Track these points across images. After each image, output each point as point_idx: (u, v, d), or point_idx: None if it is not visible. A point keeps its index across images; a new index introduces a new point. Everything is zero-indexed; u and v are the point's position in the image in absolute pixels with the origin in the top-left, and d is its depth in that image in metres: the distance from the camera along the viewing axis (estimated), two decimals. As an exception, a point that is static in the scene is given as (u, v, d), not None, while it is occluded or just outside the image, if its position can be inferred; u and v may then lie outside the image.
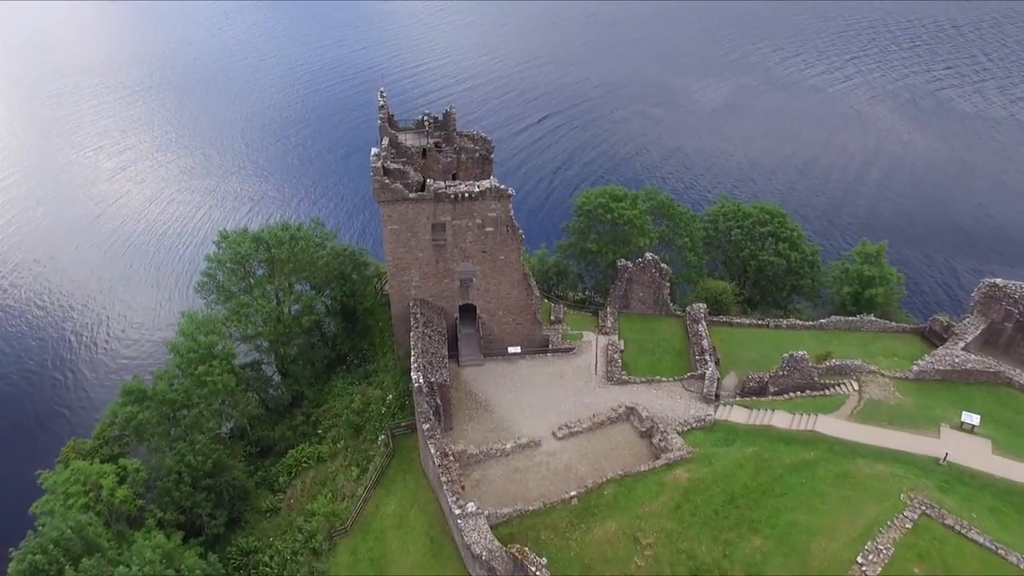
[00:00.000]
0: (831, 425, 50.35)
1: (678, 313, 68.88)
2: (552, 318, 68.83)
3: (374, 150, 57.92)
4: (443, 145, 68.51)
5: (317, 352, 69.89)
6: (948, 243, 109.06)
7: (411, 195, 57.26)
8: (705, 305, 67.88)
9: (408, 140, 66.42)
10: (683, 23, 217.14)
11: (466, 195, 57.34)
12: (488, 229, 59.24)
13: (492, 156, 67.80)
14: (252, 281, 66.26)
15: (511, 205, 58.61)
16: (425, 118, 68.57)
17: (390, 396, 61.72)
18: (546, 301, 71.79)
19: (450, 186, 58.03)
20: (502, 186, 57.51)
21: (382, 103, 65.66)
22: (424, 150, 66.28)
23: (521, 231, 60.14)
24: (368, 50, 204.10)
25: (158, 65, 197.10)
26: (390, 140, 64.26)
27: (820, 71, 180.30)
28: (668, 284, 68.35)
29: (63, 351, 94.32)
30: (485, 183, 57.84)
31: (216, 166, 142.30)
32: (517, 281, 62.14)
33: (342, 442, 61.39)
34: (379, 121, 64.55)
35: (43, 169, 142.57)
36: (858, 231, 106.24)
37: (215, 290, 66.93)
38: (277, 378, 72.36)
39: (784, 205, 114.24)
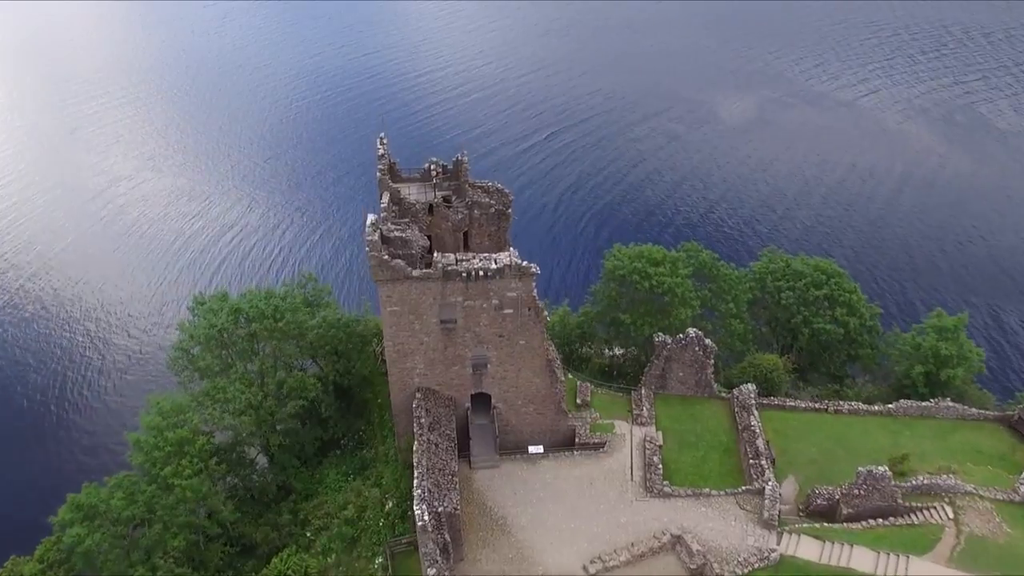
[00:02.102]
0: (928, 572, 41.16)
1: (723, 395, 59.65)
2: (578, 401, 59.57)
3: (370, 218, 48.59)
4: (453, 199, 59.33)
5: (308, 434, 60.74)
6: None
7: (415, 273, 48.03)
8: (755, 387, 58.66)
9: (412, 193, 57.24)
10: (701, 29, 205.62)
11: (481, 273, 48.10)
12: (506, 311, 50.01)
13: (510, 211, 58.78)
14: (231, 358, 57.12)
15: (534, 284, 49.34)
16: (432, 166, 59.32)
17: (390, 503, 52.70)
18: (570, 376, 62.49)
19: (462, 260, 48.79)
20: (524, 263, 48.20)
21: (382, 151, 56.35)
22: (431, 206, 57.24)
23: (546, 313, 50.94)
24: (368, 56, 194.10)
25: (154, 70, 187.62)
26: (391, 196, 55.12)
27: (848, 82, 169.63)
28: (712, 363, 59.07)
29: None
30: (504, 257, 48.56)
31: (216, 176, 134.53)
32: (539, 368, 52.90)
33: (334, 555, 52.35)
34: (378, 174, 55.20)
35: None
36: (912, 284, 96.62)
37: (188, 364, 57.89)
38: (262, 461, 63.31)
39: (830, 247, 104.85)
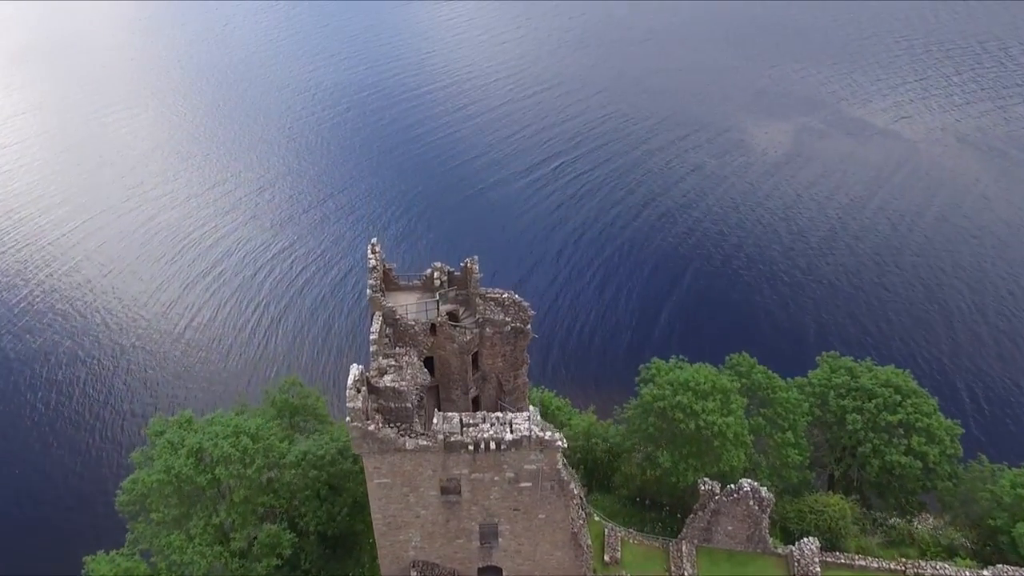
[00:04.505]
0: None
1: (779, 551, 49.73)
2: (606, 558, 49.77)
3: (353, 371, 38.68)
4: (461, 313, 49.64)
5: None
6: None
7: (409, 445, 38.30)
8: (817, 541, 48.72)
9: (411, 308, 47.47)
10: (729, 45, 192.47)
11: (492, 445, 38.29)
12: (524, 484, 40.26)
13: (528, 327, 48.98)
14: (192, 506, 47.66)
15: (560, 457, 39.46)
16: (436, 273, 49.57)
17: None
18: (595, 519, 52.64)
19: (469, 426, 38.96)
20: (548, 434, 38.32)
21: (373, 262, 46.62)
22: (433, 325, 47.49)
23: (575, 488, 41.14)
24: (364, 71, 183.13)
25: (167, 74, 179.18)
26: (384, 318, 45.41)
27: (891, 104, 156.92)
28: (768, 516, 49.12)
29: None
30: (521, 424, 38.69)
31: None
32: (562, 542, 43.20)
33: None
34: (369, 291, 45.45)
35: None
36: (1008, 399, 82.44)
37: (142, 509, 48.60)
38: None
39: (904, 338, 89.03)
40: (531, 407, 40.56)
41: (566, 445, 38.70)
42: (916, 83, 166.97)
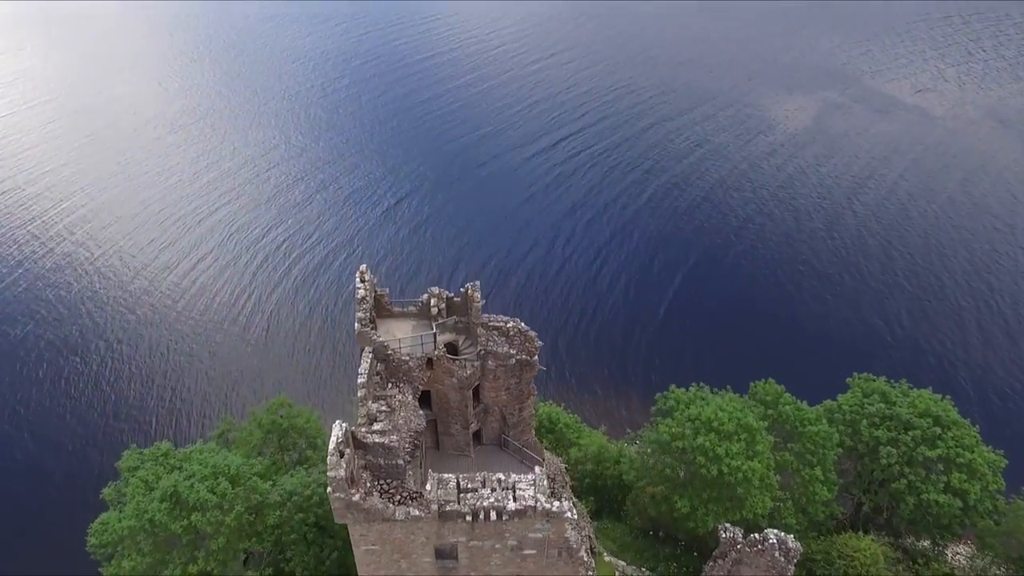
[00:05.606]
0: None
1: (805, 602, 45.85)
2: (617, 608, 46.03)
3: (335, 432, 34.13)
4: (461, 344, 45.04)
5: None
6: None
7: (399, 515, 34.02)
8: (848, 591, 44.78)
9: (406, 341, 42.82)
10: (746, 16, 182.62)
11: (493, 515, 33.98)
12: (528, 551, 36.11)
13: (535, 359, 44.42)
14: (167, 552, 43.90)
15: (569, 526, 35.12)
16: (433, 299, 44.79)
17: None
18: (605, 559, 48.70)
19: (467, 491, 34.61)
20: (555, 504, 33.93)
21: (362, 292, 41.83)
22: (430, 359, 42.98)
23: (587, 559, 36.85)
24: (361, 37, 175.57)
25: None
26: (375, 353, 40.85)
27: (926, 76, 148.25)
28: (794, 568, 44.96)
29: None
30: (526, 491, 34.35)
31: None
32: (570, 607, 39.21)
33: None
34: (357, 326, 40.72)
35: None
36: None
37: (116, 552, 44.91)
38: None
39: (945, 356, 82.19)
40: (537, 468, 36.05)
41: (576, 517, 34.35)
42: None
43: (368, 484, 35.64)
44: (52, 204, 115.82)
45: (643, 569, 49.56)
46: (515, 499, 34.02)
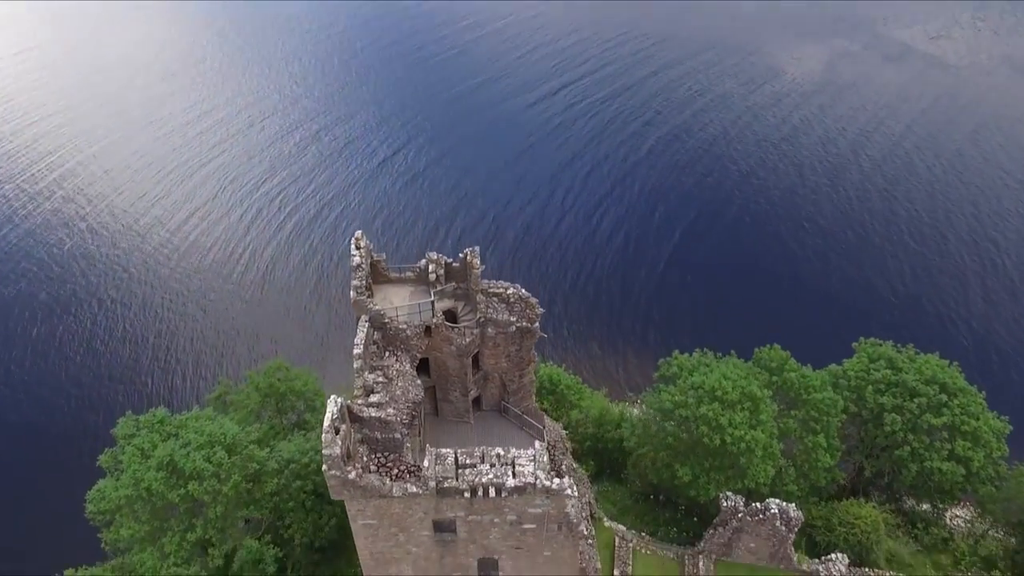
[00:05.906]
0: None
1: (804, 567, 45.84)
2: (616, 573, 46.00)
3: (331, 408, 33.21)
4: (460, 311, 43.89)
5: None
6: None
7: (395, 491, 33.37)
8: (846, 558, 44.71)
9: (403, 309, 41.61)
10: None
11: (492, 492, 33.35)
12: (527, 526, 35.64)
13: (536, 326, 43.36)
14: (165, 520, 43.60)
15: (569, 504, 34.50)
16: (432, 265, 43.37)
17: None
18: (605, 524, 48.61)
19: (465, 467, 33.89)
20: (556, 482, 33.24)
21: (358, 259, 40.41)
22: (428, 327, 41.88)
23: (587, 531, 36.44)
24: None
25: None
26: (372, 322, 39.71)
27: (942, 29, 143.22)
28: (795, 535, 44.90)
29: None
30: (526, 467, 33.62)
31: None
32: (570, 577, 39.08)
33: None
34: (353, 294, 39.47)
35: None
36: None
37: (112, 519, 44.68)
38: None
39: (955, 315, 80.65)
40: (537, 444, 35.27)
41: (576, 494, 33.74)
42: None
43: (365, 459, 34.98)
44: (40, 157, 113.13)
45: (643, 534, 49.48)
46: (514, 475, 33.33)
